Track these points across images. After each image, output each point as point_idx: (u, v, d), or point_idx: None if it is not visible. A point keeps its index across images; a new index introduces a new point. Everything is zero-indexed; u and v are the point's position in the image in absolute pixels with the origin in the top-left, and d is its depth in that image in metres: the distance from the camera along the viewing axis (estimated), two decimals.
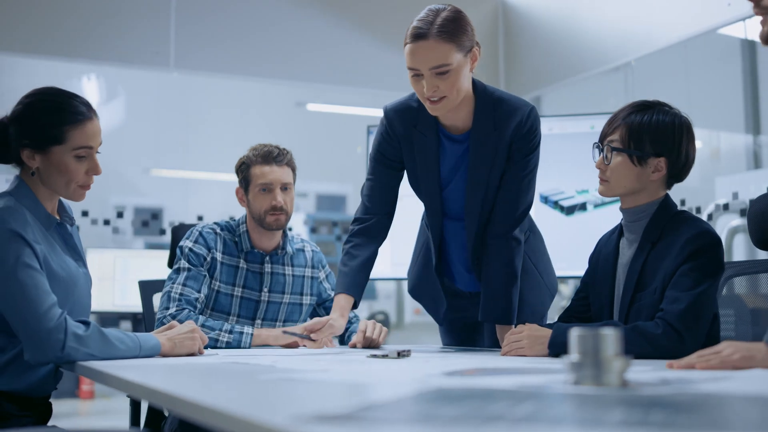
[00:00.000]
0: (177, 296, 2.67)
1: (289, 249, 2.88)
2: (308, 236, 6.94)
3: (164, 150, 7.06)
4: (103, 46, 4.57)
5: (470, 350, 2.57)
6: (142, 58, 4.65)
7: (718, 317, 2.15)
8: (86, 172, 2.13)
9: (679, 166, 2.20)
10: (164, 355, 1.99)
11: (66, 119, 2.09)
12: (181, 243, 2.78)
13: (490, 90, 2.47)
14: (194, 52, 4.69)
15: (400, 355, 2.07)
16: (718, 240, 2.10)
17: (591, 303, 2.33)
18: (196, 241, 2.78)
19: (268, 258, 2.84)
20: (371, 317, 7.56)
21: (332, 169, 8.01)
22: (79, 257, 2.23)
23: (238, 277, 2.80)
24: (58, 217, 2.20)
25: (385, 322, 7.99)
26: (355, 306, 2.55)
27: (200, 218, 6.20)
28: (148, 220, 6.18)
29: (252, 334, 2.56)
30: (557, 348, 2.11)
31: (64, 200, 2.27)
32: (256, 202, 2.78)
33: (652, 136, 2.16)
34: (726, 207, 4.61)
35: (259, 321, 2.80)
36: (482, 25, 5.35)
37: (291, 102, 7.68)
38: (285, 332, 2.48)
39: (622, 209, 2.25)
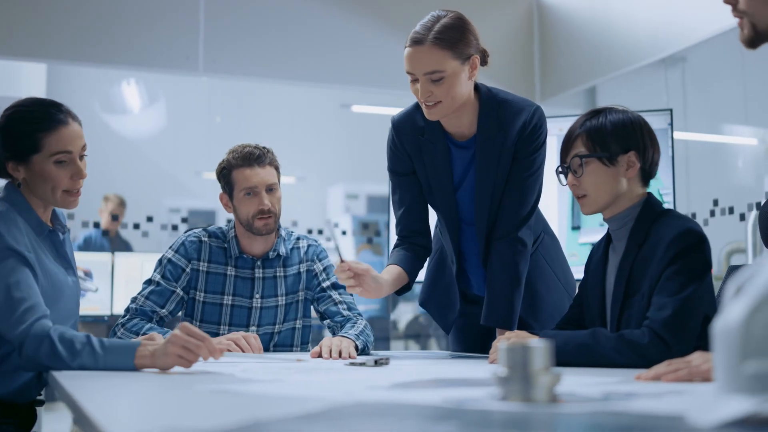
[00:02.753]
0: (135, 307, 2.66)
1: (282, 250, 2.81)
2: (358, 237, 6.91)
3: (215, 153, 7.10)
4: (135, 52, 4.62)
5: (464, 357, 2.52)
6: (173, 63, 4.68)
7: (710, 318, 2.05)
8: (71, 177, 2.14)
9: (649, 157, 2.15)
10: (142, 367, 1.89)
11: (39, 127, 2.10)
12: (165, 251, 2.77)
13: (494, 92, 2.43)
14: (223, 57, 4.71)
15: (378, 363, 2.03)
16: (703, 238, 2.01)
17: (584, 311, 2.26)
18: (177, 251, 2.75)
19: (259, 263, 2.78)
20: (415, 318, 7.51)
21: (382, 170, 7.99)
22: (69, 265, 2.24)
23: (226, 285, 2.75)
24: (50, 225, 2.21)
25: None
26: (408, 287, 2.51)
27: None
28: (197, 223, 6.25)
29: None
30: None
31: (56, 208, 2.28)
32: (241, 207, 2.71)
33: (614, 135, 2.12)
34: None
35: (253, 327, 2.75)
36: (517, 24, 5.27)
37: (336, 104, 7.67)
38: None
39: (606, 220, 2.19)
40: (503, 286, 2.42)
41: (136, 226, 6.05)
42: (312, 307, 2.89)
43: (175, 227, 6.00)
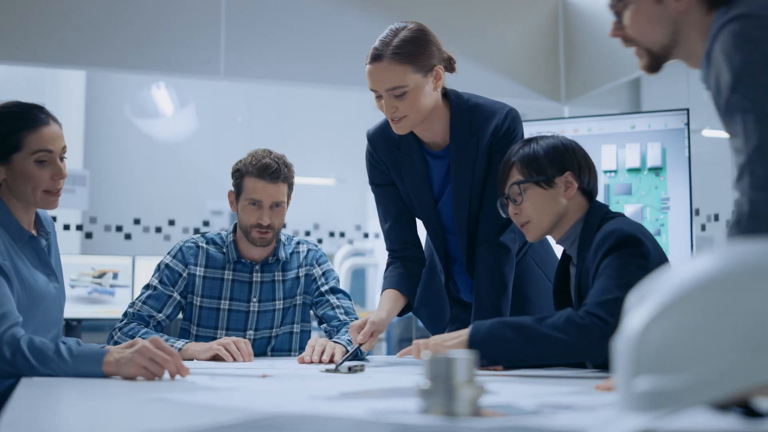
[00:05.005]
0: (132, 311, 2.68)
1: (282, 255, 2.80)
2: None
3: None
4: (158, 57, 4.65)
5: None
6: (194, 68, 4.71)
7: None
8: (51, 177, 2.15)
9: (587, 176, 2.16)
10: (109, 374, 1.83)
11: (21, 126, 2.12)
12: (164, 257, 2.78)
13: (465, 98, 2.39)
14: (243, 60, 4.73)
15: (351, 370, 2.01)
16: (627, 236, 1.96)
17: None
18: (174, 257, 2.76)
19: (257, 267, 2.78)
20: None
21: None
22: (52, 272, 2.24)
23: (223, 290, 2.75)
24: (33, 231, 2.23)
25: None
26: (409, 308, 2.50)
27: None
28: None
29: (180, 348, 2.49)
30: (482, 346, 1.95)
31: (42, 214, 2.30)
32: (244, 214, 2.70)
33: (548, 158, 2.13)
34: None
35: (251, 332, 2.75)
36: (542, 24, 5.19)
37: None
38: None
39: (557, 242, 2.20)
40: (489, 293, 2.38)
41: (197, 230, 6.15)
42: (311, 311, 2.88)
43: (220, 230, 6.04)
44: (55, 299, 2.24)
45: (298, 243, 2.89)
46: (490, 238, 2.40)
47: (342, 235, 6.60)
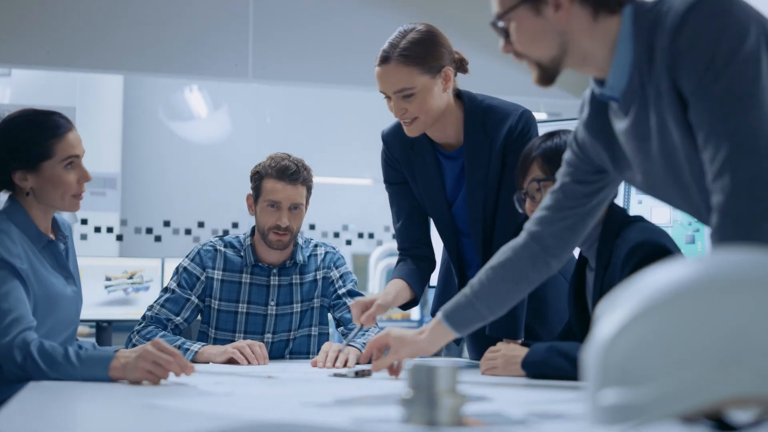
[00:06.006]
0: (150, 315, 2.69)
1: (299, 258, 2.80)
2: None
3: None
4: (188, 61, 4.70)
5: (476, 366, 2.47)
6: (223, 71, 4.75)
7: None
8: (78, 181, 2.19)
9: None
10: (115, 378, 1.85)
11: (49, 134, 2.16)
12: (182, 260, 2.80)
13: (479, 99, 2.37)
14: (271, 63, 4.75)
15: (359, 374, 2.00)
16: (659, 248, 1.89)
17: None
18: (192, 260, 2.77)
19: (275, 271, 2.78)
20: None
21: None
22: (69, 275, 2.27)
23: (241, 293, 2.76)
24: (52, 236, 2.26)
25: None
26: (414, 302, 2.46)
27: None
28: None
29: (196, 351, 2.51)
30: (532, 368, 1.99)
31: (59, 219, 2.33)
32: (262, 216, 2.71)
33: None
34: None
35: (269, 335, 2.75)
36: None
37: None
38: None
39: None
40: None
41: (226, 232, 6.18)
42: (329, 314, 2.88)
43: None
44: (73, 302, 2.27)
45: (316, 246, 2.88)
46: (505, 241, 2.37)
47: (371, 236, 6.58)
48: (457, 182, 2.43)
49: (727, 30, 1.33)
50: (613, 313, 0.91)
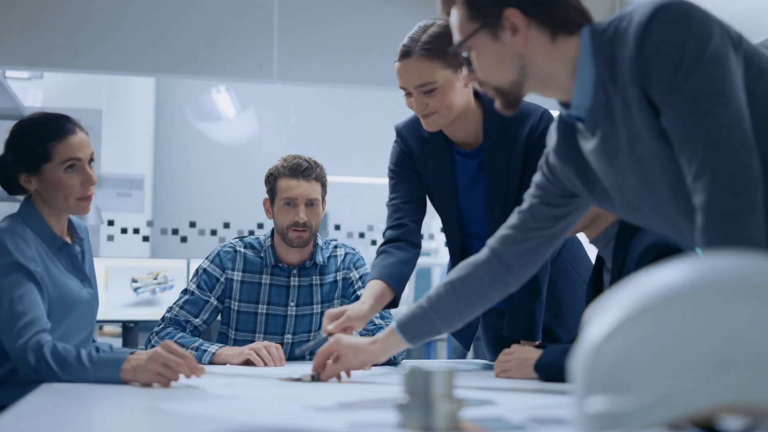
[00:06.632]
0: (169, 316, 2.70)
1: (319, 259, 2.80)
2: None
3: (319, 158, 7.05)
4: (214, 62, 4.71)
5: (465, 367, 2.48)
6: (248, 72, 4.75)
7: None
8: (81, 184, 2.19)
9: None
10: (127, 381, 1.86)
11: (49, 136, 2.16)
12: (202, 261, 2.80)
13: None
14: (296, 64, 4.74)
15: (314, 378, 1.96)
16: (670, 249, 1.87)
17: None
18: (212, 261, 2.78)
19: (295, 271, 2.78)
20: None
21: None
22: (85, 277, 2.28)
23: (261, 294, 2.76)
24: (67, 238, 2.27)
25: None
26: (394, 303, 2.36)
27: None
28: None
29: (213, 353, 2.51)
30: (545, 371, 1.97)
31: (75, 221, 2.34)
32: (279, 216, 2.72)
33: None
34: None
35: (289, 336, 2.75)
36: (600, 17, 5.07)
37: None
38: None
39: (591, 242, 2.10)
40: (522, 298, 2.33)
41: (251, 232, 6.20)
42: None
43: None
44: (88, 304, 2.28)
45: (336, 247, 2.89)
46: None
47: None
48: (471, 181, 2.40)
49: (690, 32, 1.35)
50: (601, 318, 0.89)
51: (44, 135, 2.17)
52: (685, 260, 0.89)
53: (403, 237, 2.44)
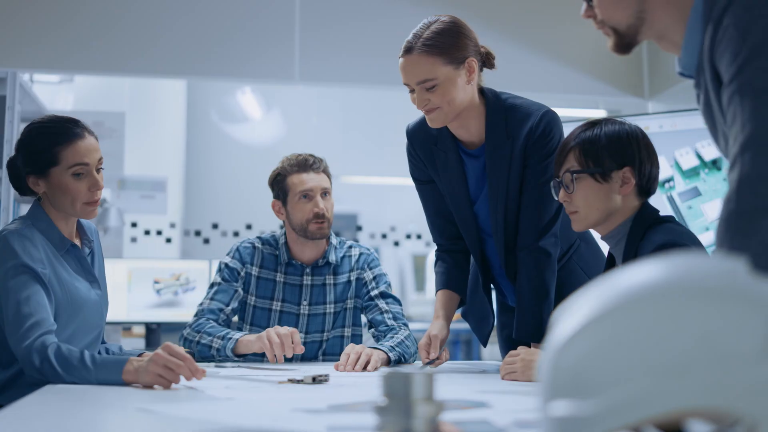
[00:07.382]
0: (202, 309, 2.71)
1: (332, 259, 2.80)
2: None
3: (349, 157, 7.06)
4: (237, 63, 4.74)
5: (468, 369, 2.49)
6: (270, 73, 4.78)
7: None
8: (88, 189, 2.20)
9: (646, 173, 2.01)
10: (129, 382, 1.87)
11: (57, 141, 2.18)
12: (223, 257, 2.83)
13: (502, 98, 2.33)
14: (317, 65, 4.76)
15: (316, 380, 1.96)
16: (681, 249, 1.83)
17: None
18: (232, 256, 2.82)
19: (308, 270, 2.80)
20: None
21: None
22: (94, 279, 2.30)
23: (275, 291, 2.78)
24: (76, 240, 2.29)
25: None
26: (462, 303, 2.51)
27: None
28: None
29: (237, 339, 2.50)
30: None
31: (85, 223, 2.36)
32: (296, 211, 2.74)
33: (609, 149, 1.99)
34: None
35: (301, 334, 2.75)
36: None
37: None
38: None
39: (602, 238, 2.07)
40: (529, 299, 2.32)
41: (262, 234, 6.20)
42: (362, 315, 2.87)
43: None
44: (97, 305, 2.30)
45: (350, 247, 2.89)
46: (528, 243, 2.33)
47: (419, 237, 6.53)
48: (479, 181, 2.40)
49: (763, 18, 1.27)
50: (566, 321, 0.87)
51: (52, 139, 2.19)
52: (651, 262, 0.87)
53: (452, 252, 2.54)
